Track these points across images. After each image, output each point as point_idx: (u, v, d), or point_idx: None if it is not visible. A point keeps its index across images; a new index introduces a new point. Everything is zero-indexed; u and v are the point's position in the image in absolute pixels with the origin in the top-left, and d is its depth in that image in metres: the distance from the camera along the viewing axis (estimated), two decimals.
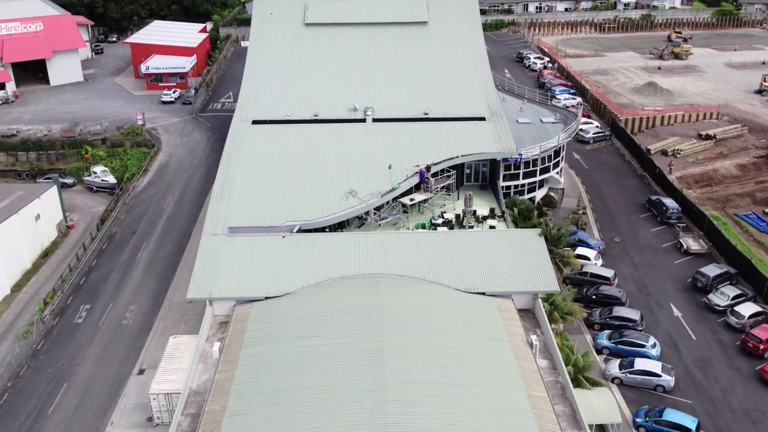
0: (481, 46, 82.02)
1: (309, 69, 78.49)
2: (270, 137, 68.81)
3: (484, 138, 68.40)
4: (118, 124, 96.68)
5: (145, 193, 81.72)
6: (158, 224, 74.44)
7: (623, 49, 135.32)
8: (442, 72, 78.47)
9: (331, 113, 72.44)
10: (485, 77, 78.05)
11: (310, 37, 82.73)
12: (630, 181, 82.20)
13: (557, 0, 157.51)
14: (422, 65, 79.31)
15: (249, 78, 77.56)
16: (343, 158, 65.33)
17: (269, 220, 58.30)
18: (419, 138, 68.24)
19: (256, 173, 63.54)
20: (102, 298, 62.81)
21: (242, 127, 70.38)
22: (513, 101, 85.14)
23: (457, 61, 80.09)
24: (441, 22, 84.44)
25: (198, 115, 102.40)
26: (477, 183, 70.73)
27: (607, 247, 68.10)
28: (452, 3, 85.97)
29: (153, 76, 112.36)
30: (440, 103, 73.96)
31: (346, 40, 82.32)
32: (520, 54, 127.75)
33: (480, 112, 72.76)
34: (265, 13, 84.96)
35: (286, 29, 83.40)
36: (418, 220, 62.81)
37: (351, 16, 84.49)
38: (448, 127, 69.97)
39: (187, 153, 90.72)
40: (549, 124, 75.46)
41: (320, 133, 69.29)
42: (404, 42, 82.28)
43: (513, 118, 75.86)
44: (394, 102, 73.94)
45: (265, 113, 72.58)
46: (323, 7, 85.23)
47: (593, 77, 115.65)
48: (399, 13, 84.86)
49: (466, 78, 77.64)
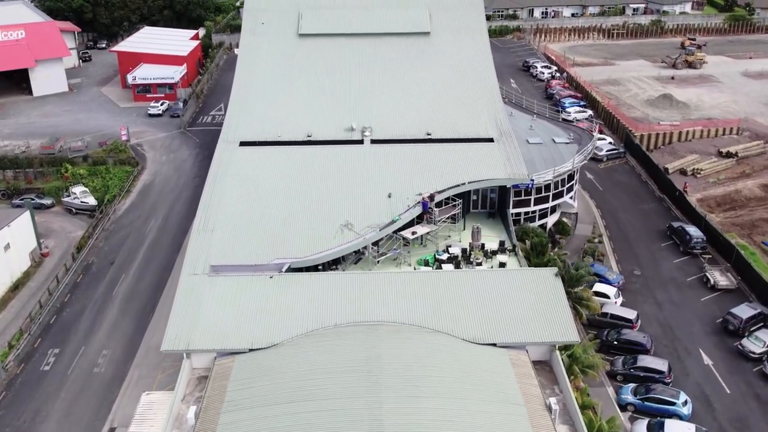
0: (488, 59, 76.25)
1: (302, 84, 72.75)
2: (258, 161, 63.04)
3: (492, 162, 62.65)
4: (101, 140, 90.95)
5: (127, 217, 75.94)
6: (139, 253, 68.69)
7: (634, 57, 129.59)
8: (447, 87, 72.75)
9: (326, 133, 66.73)
10: (493, 93, 72.29)
11: (303, 48, 76.98)
12: (648, 204, 76.41)
13: (563, 5, 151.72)
14: (425, 80, 73.59)
15: (237, 94, 71.79)
16: (339, 186, 59.61)
17: (256, 257, 52.57)
18: (422, 162, 62.52)
19: (242, 203, 57.79)
20: (73, 341, 57.03)
21: (228, 149, 64.62)
22: (521, 117, 79.50)
23: (463, 75, 74.36)
24: (445, 33, 78.68)
25: (186, 129, 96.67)
26: (485, 210, 65.00)
27: (627, 281, 62.34)
28: (457, 12, 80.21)
29: (140, 87, 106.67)
30: (444, 122, 68.22)
31: (343, 52, 76.57)
32: (527, 63, 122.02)
33: (488, 133, 67.03)
34: (256, 22, 79.21)
35: (278, 40, 77.66)
36: (421, 255, 57.06)
37: (348, 27, 78.75)
38: (454, 150, 64.23)
39: (173, 171, 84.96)
40: (562, 145, 69.72)
41: (314, 157, 63.54)
42: (405, 54, 76.55)
43: (523, 138, 70.17)
44: (394, 121, 68.22)
45: (253, 133, 66.83)
46: (318, 17, 79.47)
47: (604, 88, 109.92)
48: (400, 23, 79.11)
49: (472, 94, 71.90)
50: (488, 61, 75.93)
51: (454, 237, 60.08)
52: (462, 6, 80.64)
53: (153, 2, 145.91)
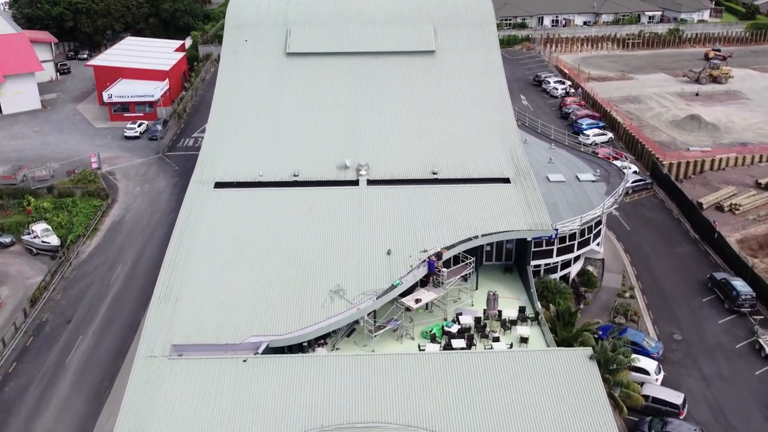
0: (501, 82, 67.15)
1: (289, 112, 63.70)
2: (236, 208, 53.96)
3: (509, 208, 53.57)
4: (70, 168, 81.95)
5: (90, 262, 66.83)
6: (100, 308, 59.60)
7: (652, 70, 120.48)
8: (454, 116, 63.70)
9: (316, 172, 57.67)
10: (508, 123, 63.21)
11: (292, 70, 67.89)
12: (683, 247, 67.28)
13: (575, 13, 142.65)
14: (429, 107, 64.54)
15: (214, 125, 62.74)
16: (329, 240, 50.54)
17: (227, 335, 43.55)
18: (426, 208, 53.46)
19: (214, 264, 48.72)
20: (12, 427, 47.97)
21: (201, 193, 55.54)
22: (537, 144, 70.46)
23: (473, 101, 65.29)
24: (452, 52, 69.57)
25: (165, 154, 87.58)
26: (500, 262, 56.01)
27: (667, 348, 53.26)
28: (465, 29, 71.12)
29: (117, 106, 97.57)
30: (452, 158, 59.17)
31: (336, 74, 67.48)
32: (538, 77, 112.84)
33: (503, 171, 57.97)
34: (239, 40, 70.13)
35: (263, 61, 68.56)
36: (426, 323, 48.03)
37: (342, 45, 69.63)
38: (464, 193, 55.18)
39: (147, 205, 75.86)
40: (588, 183, 60.67)
41: (300, 202, 54.46)
42: (408, 77, 67.48)
43: (541, 174, 61.15)
44: (394, 157, 59.18)
45: (231, 172, 57.78)
46: (308, 34, 70.35)
47: (623, 106, 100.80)
48: (401, 40, 70.01)
49: (484, 124, 62.84)
50: (501, 84, 66.82)
51: (465, 299, 51.04)
52: (471, 22, 71.53)
53: (138, 10, 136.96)
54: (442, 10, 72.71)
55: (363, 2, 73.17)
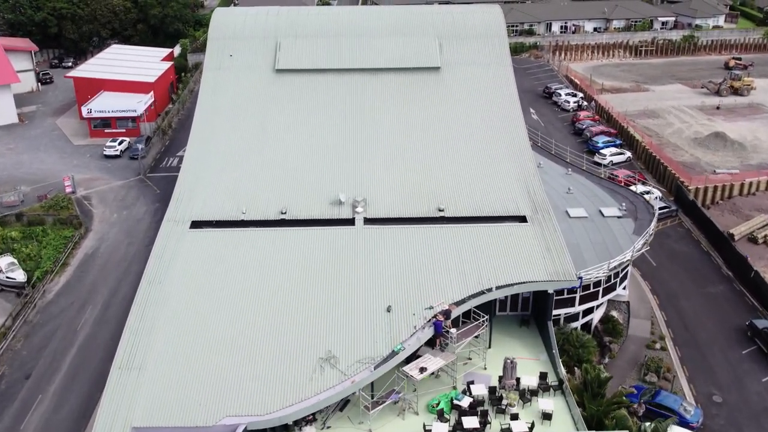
0: (514, 102, 60.46)
1: (278, 138, 57.00)
2: (213, 253, 47.19)
3: (527, 253, 46.82)
4: (42, 192, 75.25)
5: (58, 303, 60.11)
6: (65, 360, 52.89)
7: (668, 80, 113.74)
8: (462, 141, 57.00)
9: (306, 209, 50.93)
10: (522, 151, 56.47)
11: (281, 89, 61.17)
12: (715, 287, 60.53)
13: (585, 19, 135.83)
14: (434, 131, 57.83)
15: (193, 153, 56.05)
16: (320, 293, 43.78)
17: (198, 415, 36.79)
18: (432, 253, 46.72)
19: (184, 325, 41.95)
20: None
21: (175, 235, 48.77)
22: (552, 169, 63.93)
23: (483, 124, 58.58)
24: (459, 69, 62.86)
25: (147, 175, 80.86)
26: (515, 313, 49.26)
27: (706, 414, 46.54)
28: (474, 43, 64.43)
29: (97, 121, 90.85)
30: (461, 191, 52.43)
31: (330, 93, 60.78)
32: (548, 89, 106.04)
33: (518, 207, 51.20)
34: (223, 55, 63.40)
35: (250, 78, 61.84)
36: (433, 394, 41.31)
37: (337, 60, 62.89)
38: (474, 235, 48.42)
39: (123, 236, 69.10)
40: (613, 220, 53.97)
41: (288, 246, 47.71)
42: (409, 96, 60.75)
43: (560, 207, 54.55)
44: (395, 191, 52.44)
45: (210, 209, 51.02)
46: (300, 47, 63.61)
47: (641, 121, 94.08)
48: (402, 55, 63.25)
49: (496, 152, 56.14)
50: (514, 105, 60.12)
51: (477, 361, 44.30)
52: (480, 35, 64.83)
53: (125, 16, 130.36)
54: (448, 22, 65.97)
55: (361, 13, 66.56)
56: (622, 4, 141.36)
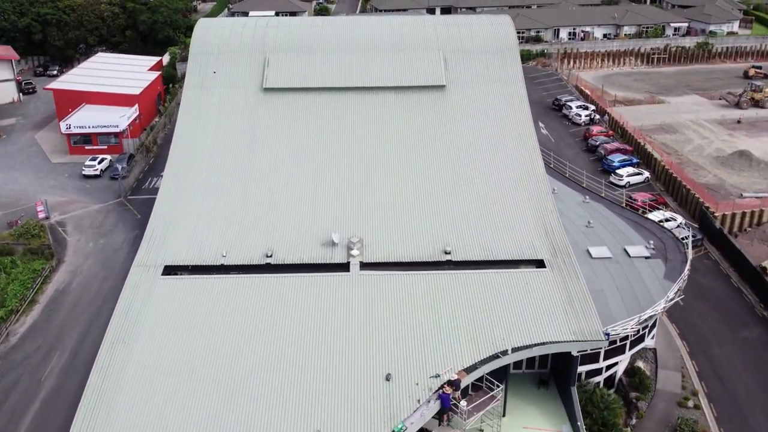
0: (527, 126, 54.57)
1: (264, 168, 51.16)
2: (188, 306, 41.34)
3: (547, 307, 40.98)
4: (13, 218, 69.31)
5: (22, 349, 54.12)
6: (23, 420, 46.91)
7: (684, 91, 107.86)
8: (470, 171, 51.17)
9: (295, 251, 45.04)
10: (538, 183, 50.56)
11: (269, 110, 55.32)
12: (750, 330, 54.64)
13: (594, 25, 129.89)
14: (439, 159, 52.00)
15: (170, 185, 50.19)
16: (307, 358, 37.89)
17: None
18: (438, 306, 40.90)
19: (153, 394, 36.05)
20: None
21: (145, 283, 42.93)
22: (568, 196, 58.14)
23: (493, 151, 52.75)
24: (466, 87, 57.02)
25: (127, 197, 74.89)
26: (531, 370, 43.39)
27: None
28: (483, 58, 58.60)
29: (77, 137, 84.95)
30: (470, 230, 46.57)
31: (324, 115, 54.94)
32: (558, 101, 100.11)
33: (534, 249, 45.30)
34: (205, 71, 57.57)
35: (235, 98, 56.00)
36: None
37: (331, 78, 57.06)
38: (486, 283, 42.56)
39: (99, 268, 63.06)
40: (640, 261, 48.07)
41: (273, 297, 41.85)
42: (411, 119, 54.92)
43: (580, 245, 48.71)
44: (395, 229, 46.60)
45: (187, 252, 45.16)
46: (291, 64, 57.74)
47: (657, 137, 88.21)
48: (403, 73, 57.40)
49: (508, 183, 50.26)
50: (528, 129, 54.26)
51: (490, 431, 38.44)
52: (489, 49, 58.99)
53: (113, 22, 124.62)
54: (454, 35, 60.09)
55: (358, 25, 60.66)
56: (632, 9, 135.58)
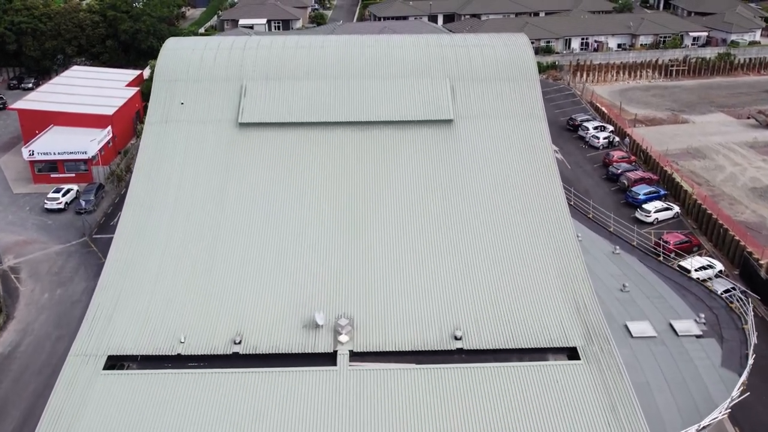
0: (551, 171, 46.08)
1: (237, 224, 42.64)
2: (135, 408, 32.85)
3: (582, 413, 32.53)
4: None
5: None
6: None
7: (707, 108, 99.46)
8: (482, 228, 42.63)
9: (269, 337, 36.56)
10: (565, 241, 42.06)
11: (245, 150, 46.85)
12: None
13: (608, 34, 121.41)
14: (445, 212, 43.47)
15: (119, 251, 41.57)
16: None
17: None
18: (447, 413, 32.42)
19: None
20: None
21: (83, 378, 34.47)
22: (595, 246, 49.99)
23: (510, 203, 44.24)
24: (477, 123, 48.56)
25: (93, 236, 66.51)
26: None
27: None
28: (496, 86, 50.21)
29: (41, 164, 76.55)
30: (483, 308, 38.06)
31: (310, 157, 46.49)
32: (573, 120, 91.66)
33: (564, 333, 36.82)
34: (171, 102, 49.17)
35: (205, 136, 47.55)
36: None
37: (319, 112, 48.59)
38: (505, 380, 34.07)
39: (52, 326, 54.73)
40: (690, 340, 39.64)
41: (240, 397, 33.33)
42: (413, 160, 46.45)
43: (615, 317, 40.44)
44: (393, 307, 38.08)
45: (136, 337, 36.62)
46: (272, 94, 49.27)
47: (684, 163, 79.82)
48: (403, 104, 48.94)
49: (527, 244, 41.76)
50: (552, 175, 45.77)
51: None
52: (504, 75, 50.62)
53: (93, 31, 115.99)
54: (462, 58, 51.70)
55: (351, 47, 52.25)
56: (648, 17, 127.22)
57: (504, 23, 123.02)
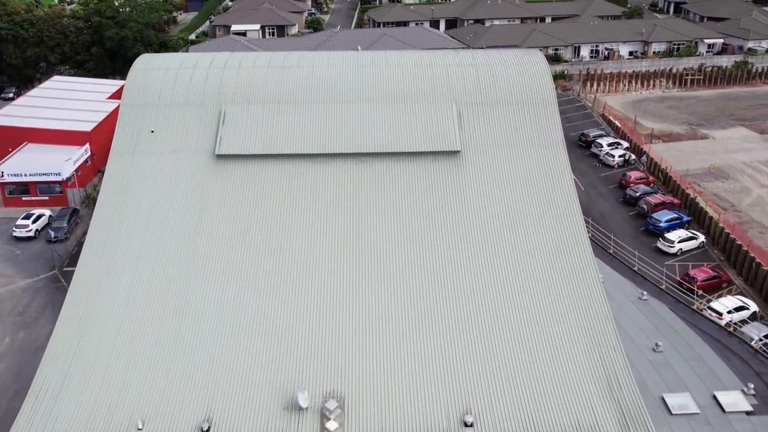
0: (573, 210, 40.15)
1: (210, 277, 36.75)
2: None
3: None
4: None
5: None
6: None
7: (727, 121, 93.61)
8: (494, 278, 36.76)
9: (243, 424, 30.66)
10: (592, 297, 36.16)
11: (222, 186, 40.96)
12: None
13: (619, 41, 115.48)
14: (450, 259, 37.60)
15: (74, 307, 35.70)
16: None
17: None
18: None
19: None
20: None
21: None
22: (618, 287, 44.95)
23: (526, 247, 38.34)
24: (488, 154, 42.68)
25: (63, 269, 60.67)
26: None
27: None
28: (509, 110, 44.32)
29: (12, 187, 70.72)
30: (498, 381, 32.21)
31: (296, 195, 40.59)
32: (585, 137, 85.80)
33: (594, 417, 30.94)
34: (140, 130, 43.32)
35: (177, 169, 41.69)
36: None
37: (308, 142, 42.66)
38: None
39: (12, 377, 48.87)
40: (738, 418, 33.82)
41: None
42: (414, 199, 40.56)
43: (649, 387, 34.78)
44: (391, 384, 32.17)
45: (86, 422, 30.73)
46: (255, 120, 43.36)
47: (707, 185, 73.96)
48: (403, 133, 43.05)
49: (547, 303, 35.85)
50: (574, 215, 39.84)
51: None
52: (518, 100, 44.77)
53: (77, 38, 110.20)
54: (470, 79, 45.86)
55: (344, 66, 46.38)
56: (661, 23, 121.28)
57: (510, 30, 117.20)
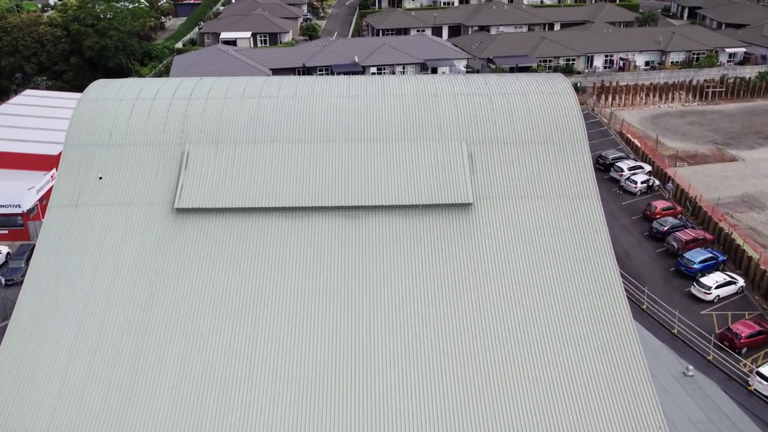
0: (609, 271, 32.67)
1: (162, 364, 29.35)
2: None
3: None
4: None
5: None
6: None
7: (755, 140, 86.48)
8: (515, 358, 29.37)
9: None
10: (633, 374, 28.73)
11: (181, 247, 33.49)
12: None
13: (635, 51, 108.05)
14: (461, 334, 30.19)
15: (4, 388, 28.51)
16: None
17: None
18: None
19: None
20: None
21: None
22: (657, 358, 38.54)
23: (553, 319, 30.91)
24: (504, 206, 35.19)
25: None
26: None
27: None
28: (530, 154, 36.85)
29: None
30: None
31: (273, 258, 33.14)
32: (603, 159, 78.52)
33: None
34: (86, 176, 35.89)
35: (130, 225, 34.23)
36: None
37: (288, 193, 35.16)
38: None
39: None
40: None
41: None
42: (417, 259, 33.08)
43: None
44: None
45: None
46: (223, 165, 35.89)
47: (741, 216, 66.78)
48: (402, 182, 35.57)
49: (580, 383, 28.46)
50: (611, 278, 32.38)
51: None
52: (541, 137, 37.36)
53: (55, 47, 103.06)
54: (483, 111, 38.43)
55: (332, 95, 38.94)
56: (679, 31, 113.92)
57: (518, 38, 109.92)
